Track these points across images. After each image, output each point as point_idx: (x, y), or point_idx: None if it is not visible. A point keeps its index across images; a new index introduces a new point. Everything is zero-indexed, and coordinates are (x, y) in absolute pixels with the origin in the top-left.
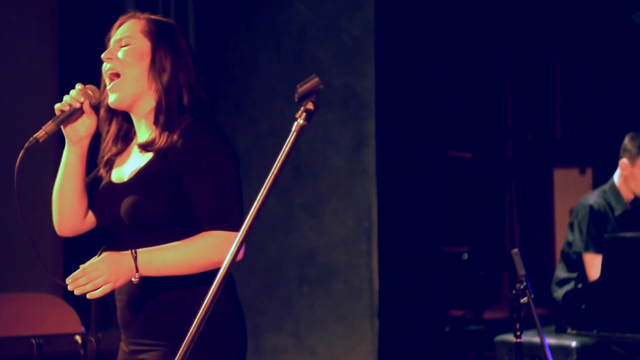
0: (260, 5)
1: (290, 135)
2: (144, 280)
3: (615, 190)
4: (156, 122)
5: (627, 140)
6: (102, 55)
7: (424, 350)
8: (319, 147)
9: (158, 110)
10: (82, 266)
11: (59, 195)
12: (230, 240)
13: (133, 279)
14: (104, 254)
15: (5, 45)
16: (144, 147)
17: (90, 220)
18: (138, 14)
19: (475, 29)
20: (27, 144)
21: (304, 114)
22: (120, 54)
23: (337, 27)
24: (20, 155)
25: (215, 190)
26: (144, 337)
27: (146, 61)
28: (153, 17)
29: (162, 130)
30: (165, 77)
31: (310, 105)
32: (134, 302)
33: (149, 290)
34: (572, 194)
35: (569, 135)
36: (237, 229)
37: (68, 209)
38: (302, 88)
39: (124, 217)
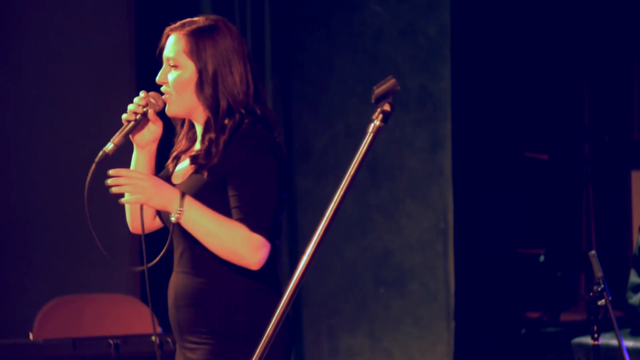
0: (336, 6)
1: (367, 136)
2: (189, 279)
3: None
4: (203, 137)
5: None
6: (157, 79)
7: (500, 352)
8: (394, 148)
9: (206, 128)
10: (120, 171)
11: None
12: (254, 242)
13: (172, 217)
14: (147, 174)
15: (82, 44)
16: (192, 159)
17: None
18: (179, 26)
19: (552, 29)
20: (97, 157)
21: (381, 115)
22: (170, 79)
23: (413, 28)
24: (91, 169)
25: (249, 199)
26: (189, 334)
27: (193, 83)
28: (193, 26)
29: (209, 146)
30: (208, 92)
31: (386, 107)
32: (180, 301)
33: (194, 289)
34: None
35: None
36: (263, 233)
37: (138, 210)
38: (379, 89)
39: (167, 222)
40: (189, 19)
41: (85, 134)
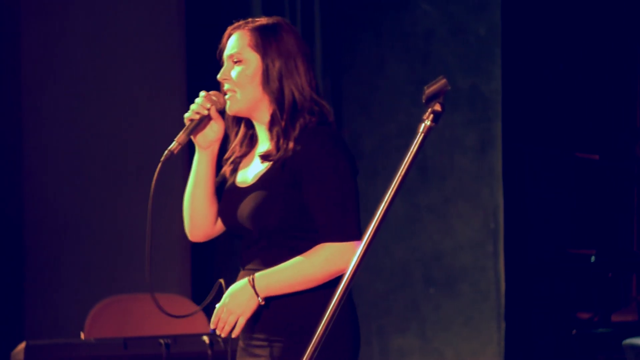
0: (386, 6)
1: (417, 136)
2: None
3: None
4: (271, 133)
5: None
6: (218, 76)
7: (551, 353)
8: (445, 148)
9: (272, 122)
10: (213, 318)
11: (190, 202)
12: (345, 250)
13: (260, 303)
14: (224, 296)
15: (133, 45)
16: (264, 158)
17: (221, 224)
18: (242, 24)
19: (603, 28)
20: (162, 157)
21: (431, 115)
22: (233, 74)
23: (464, 28)
24: (157, 168)
25: (331, 200)
26: (257, 332)
27: (258, 76)
28: (257, 23)
29: (278, 141)
30: (275, 86)
31: (437, 107)
32: None
33: None
34: None
35: None
36: (352, 239)
37: (200, 215)
38: (430, 89)
39: (245, 221)
40: (251, 19)
41: (138, 134)
